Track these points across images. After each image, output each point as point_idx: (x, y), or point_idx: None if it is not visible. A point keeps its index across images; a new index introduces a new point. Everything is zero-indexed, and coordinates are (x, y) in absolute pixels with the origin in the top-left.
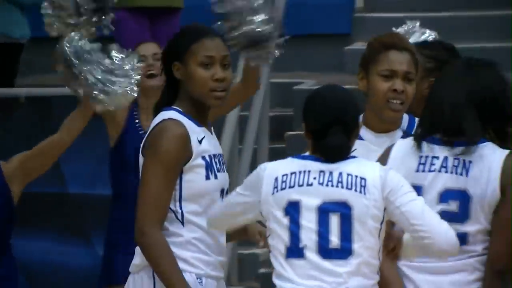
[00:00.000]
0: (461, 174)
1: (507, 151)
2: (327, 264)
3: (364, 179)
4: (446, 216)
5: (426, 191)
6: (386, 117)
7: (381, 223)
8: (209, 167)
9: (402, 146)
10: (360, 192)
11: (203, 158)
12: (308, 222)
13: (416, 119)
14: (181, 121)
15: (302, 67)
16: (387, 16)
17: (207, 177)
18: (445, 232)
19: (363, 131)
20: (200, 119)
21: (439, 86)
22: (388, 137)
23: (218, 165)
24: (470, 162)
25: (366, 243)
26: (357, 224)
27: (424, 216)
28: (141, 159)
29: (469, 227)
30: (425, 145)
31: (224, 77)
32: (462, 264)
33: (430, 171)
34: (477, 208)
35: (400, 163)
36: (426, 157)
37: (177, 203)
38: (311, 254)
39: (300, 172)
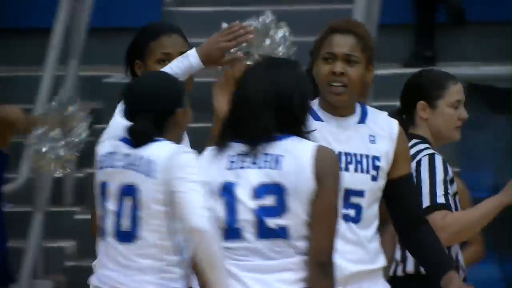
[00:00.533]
0: (273, 168)
1: (314, 142)
2: (120, 247)
3: (155, 162)
4: (263, 211)
5: (240, 187)
6: (330, 101)
7: (170, 206)
8: None
9: (210, 149)
10: (149, 175)
11: None
12: (110, 204)
13: (369, 108)
14: None
15: (111, 61)
16: (196, 10)
17: None
18: (200, 211)
19: (324, 115)
20: None
21: (242, 84)
22: (346, 121)
23: None
24: (280, 156)
25: (151, 226)
26: (144, 208)
27: (188, 196)
28: None
29: (287, 220)
30: (232, 144)
31: None
32: (288, 263)
33: (241, 167)
34: (293, 200)
35: (210, 163)
36: (236, 154)
37: None
38: (110, 237)
39: (111, 153)
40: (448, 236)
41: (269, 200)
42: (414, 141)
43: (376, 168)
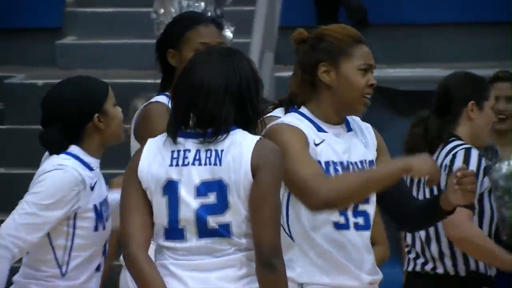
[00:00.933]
0: (215, 164)
1: (258, 137)
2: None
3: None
4: (207, 209)
5: (183, 186)
6: (359, 112)
7: None
8: None
9: (155, 143)
10: None
11: None
12: None
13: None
14: (164, 103)
15: (14, 61)
16: (98, 11)
17: None
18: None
19: (323, 125)
20: None
21: (196, 73)
22: (339, 130)
23: None
24: (222, 150)
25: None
26: None
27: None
28: (134, 143)
29: (229, 217)
30: (178, 139)
31: None
32: (229, 260)
33: (183, 165)
34: (234, 196)
35: (152, 159)
36: (179, 151)
37: None
38: None
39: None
40: (459, 237)
41: (211, 198)
42: (451, 138)
43: None
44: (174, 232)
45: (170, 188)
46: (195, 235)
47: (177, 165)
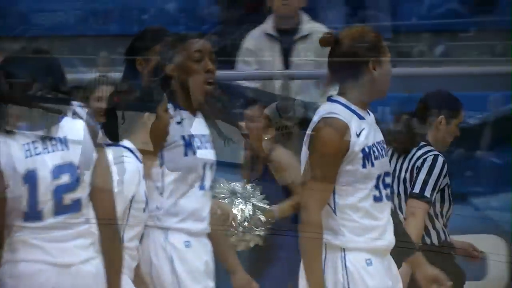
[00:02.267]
0: (62, 150)
1: (78, 119)
2: None
3: None
4: (61, 188)
5: (40, 173)
6: (382, 97)
7: None
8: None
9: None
10: None
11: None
12: None
13: None
14: None
15: None
16: None
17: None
18: None
19: (361, 112)
20: None
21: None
22: (366, 113)
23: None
24: (64, 137)
25: None
26: None
27: None
28: None
29: (80, 193)
30: (17, 134)
31: None
32: (81, 231)
33: (36, 154)
34: (84, 174)
35: (8, 154)
36: (28, 143)
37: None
38: None
39: None
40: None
41: (64, 178)
42: (422, 143)
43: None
44: (33, 214)
45: (29, 177)
46: (51, 214)
47: (31, 155)
